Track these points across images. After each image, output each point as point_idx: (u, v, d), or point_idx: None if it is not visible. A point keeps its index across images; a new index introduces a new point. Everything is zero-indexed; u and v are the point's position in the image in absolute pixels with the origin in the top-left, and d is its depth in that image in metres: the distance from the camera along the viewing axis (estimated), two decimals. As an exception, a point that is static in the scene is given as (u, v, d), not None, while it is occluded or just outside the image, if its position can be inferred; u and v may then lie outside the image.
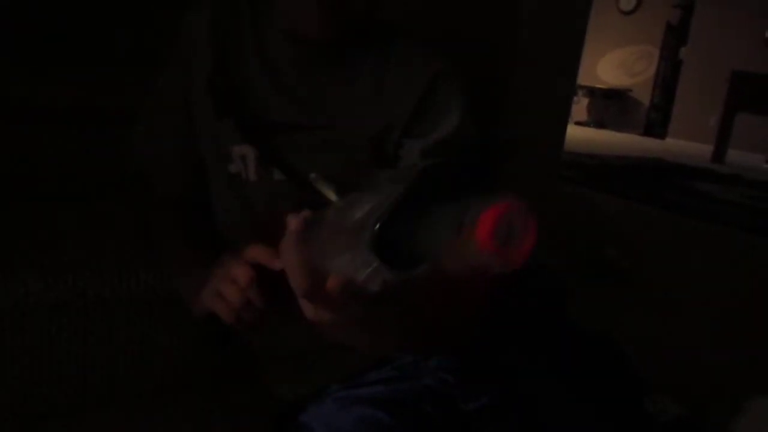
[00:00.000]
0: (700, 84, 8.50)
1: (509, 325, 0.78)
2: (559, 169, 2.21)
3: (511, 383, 0.72)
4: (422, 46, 0.82)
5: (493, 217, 0.26)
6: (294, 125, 0.78)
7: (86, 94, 1.25)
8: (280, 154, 0.77)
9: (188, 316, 0.77)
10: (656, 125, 9.38)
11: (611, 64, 9.87)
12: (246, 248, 0.64)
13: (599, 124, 9.75)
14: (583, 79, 9.31)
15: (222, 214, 0.84)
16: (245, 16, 0.81)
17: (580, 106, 9.81)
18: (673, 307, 2.08)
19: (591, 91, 9.71)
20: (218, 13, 0.81)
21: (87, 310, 0.90)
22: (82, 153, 1.22)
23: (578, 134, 7.65)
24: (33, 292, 0.85)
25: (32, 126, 1.18)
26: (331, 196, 0.42)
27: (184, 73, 0.82)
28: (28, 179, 1.16)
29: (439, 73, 0.78)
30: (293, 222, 0.42)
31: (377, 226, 0.34)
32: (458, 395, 0.73)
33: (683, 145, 8.37)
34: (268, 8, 0.79)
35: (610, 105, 9.78)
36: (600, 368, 0.76)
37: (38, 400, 0.88)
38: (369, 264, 0.34)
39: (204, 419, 0.93)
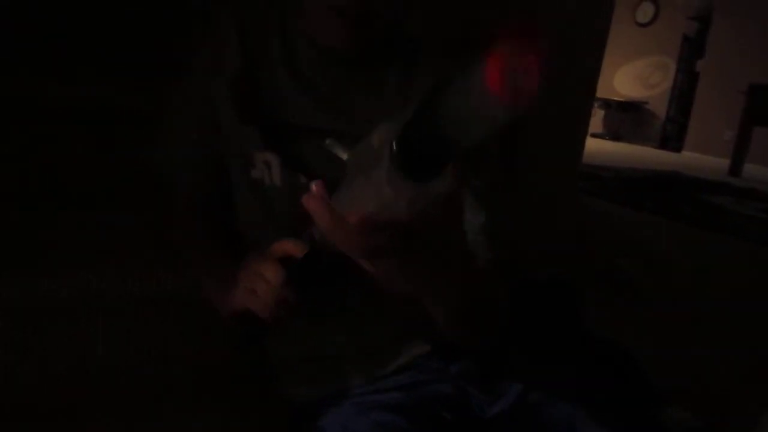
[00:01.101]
0: (717, 97, 8.41)
1: (526, 334, 0.78)
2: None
3: (528, 391, 0.72)
4: (447, 58, 0.82)
5: (499, 57, 0.26)
6: (319, 130, 0.78)
7: (108, 96, 1.26)
8: (304, 159, 0.78)
9: (206, 319, 0.78)
10: (672, 138, 9.29)
11: (627, 76, 9.82)
12: (272, 246, 0.65)
13: (615, 137, 9.69)
14: (599, 91, 9.21)
15: (244, 217, 0.84)
16: (273, 22, 0.82)
17: (595, 118, 9.75)
18: (686, 319, 2.06)
19: (607, 103, 9.65)
20: (245, 18, 0.82)
21: (104, 311, 0.90)
22: (103, 154, 1.23)
23: (594, 146, 7.59)
24: (50, 292, 0.86)
25: (50, 127, 1.20)
26: (343, 156, 0.42)
27: (209, 77, 0.82)
28: (47, 180, 1.17)
29: None
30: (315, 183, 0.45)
31: (394, 141, 0.34)
32: (476, 402, 0.74)
33: (699, 158, 8.29)
34: (296, 15, 0.80)
35: (626, 117, 9.71)
36: (616, 379, 0.77)
37: (52, 400, 0.89)
38: (391, 182, 0.34)
39: (219, 422, 0.94)
